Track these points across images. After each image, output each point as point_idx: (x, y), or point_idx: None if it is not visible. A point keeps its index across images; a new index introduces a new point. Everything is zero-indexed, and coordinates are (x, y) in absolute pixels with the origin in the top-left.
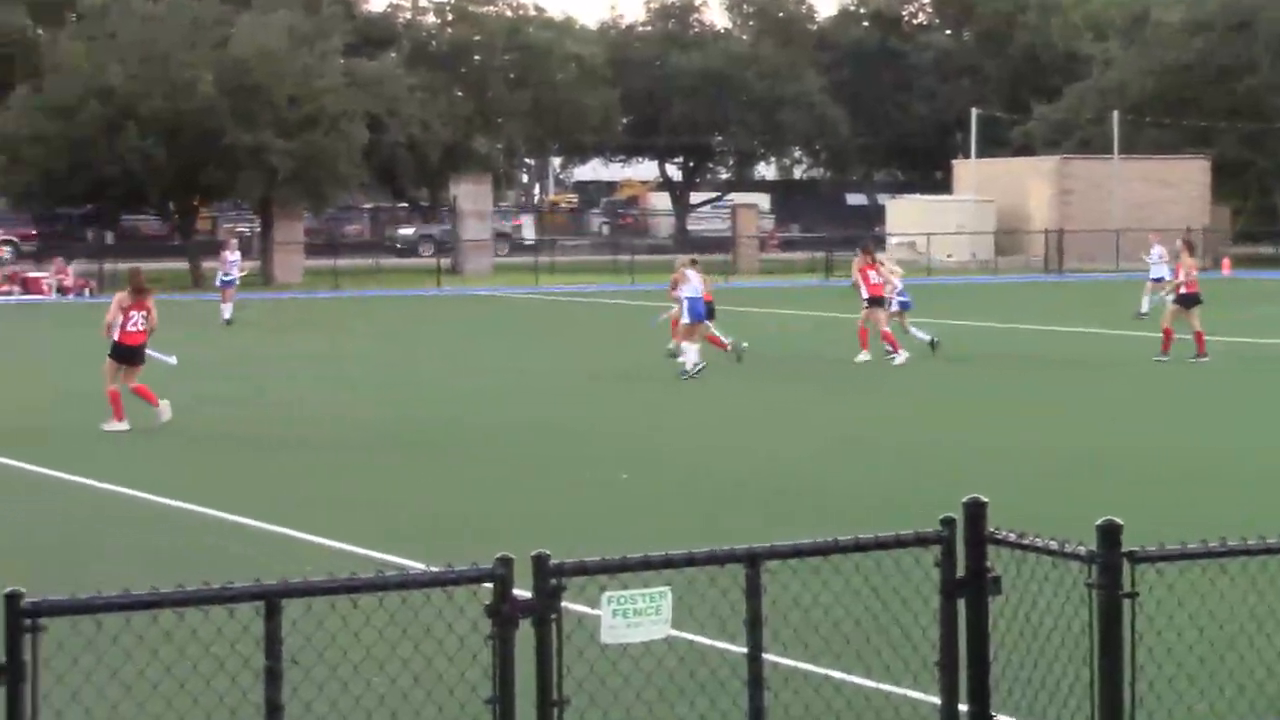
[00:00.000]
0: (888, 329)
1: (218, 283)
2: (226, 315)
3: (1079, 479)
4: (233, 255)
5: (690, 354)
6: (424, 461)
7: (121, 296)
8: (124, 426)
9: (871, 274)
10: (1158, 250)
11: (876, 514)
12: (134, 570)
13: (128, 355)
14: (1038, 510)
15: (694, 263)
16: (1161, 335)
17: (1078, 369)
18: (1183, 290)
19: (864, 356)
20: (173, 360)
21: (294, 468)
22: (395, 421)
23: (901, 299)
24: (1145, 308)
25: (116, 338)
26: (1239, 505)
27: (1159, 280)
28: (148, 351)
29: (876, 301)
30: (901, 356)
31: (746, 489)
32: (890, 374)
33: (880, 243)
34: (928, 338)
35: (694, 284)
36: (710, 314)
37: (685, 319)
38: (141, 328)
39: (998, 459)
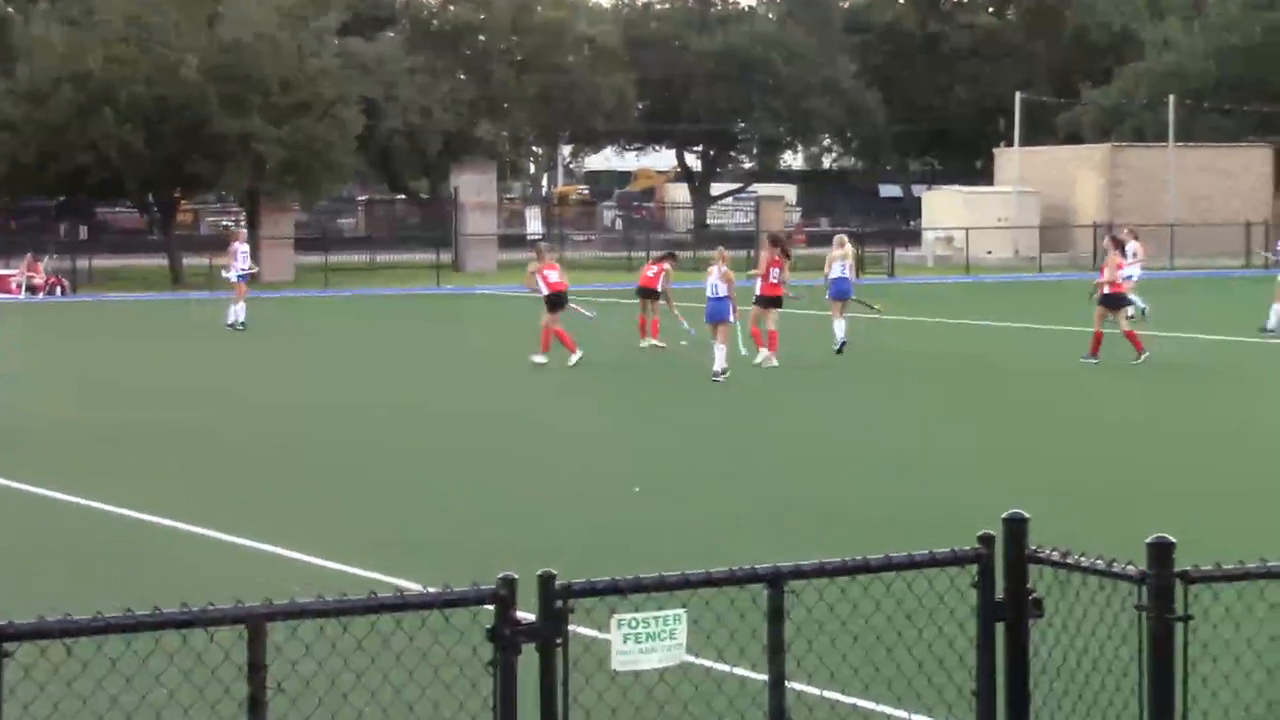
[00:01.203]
0: (774, 329)
1: (233, 278)
2: (239, 318)
3: (1127, 493)
4: (244, 246)
5: (722, 356)
6: (420, 475)
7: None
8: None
9: (773, 271)
10: (1133, 247)
11: (909, 531)
12: (106, 591)
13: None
14: (1083, 527)
15: (721, 258)
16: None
17: (1120, 375)
18: (1106, 291)
19: (763, 355)
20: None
21: (279, 480)
22: (388, 431)
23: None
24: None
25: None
26: None
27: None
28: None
29: (771, 301)
30: (763, 355)
31: (767, 504)
32: (917, 381)
33: (915, 237)
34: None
35: (712, 279)
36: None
37: (731, 317)
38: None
39: (1040, 471)
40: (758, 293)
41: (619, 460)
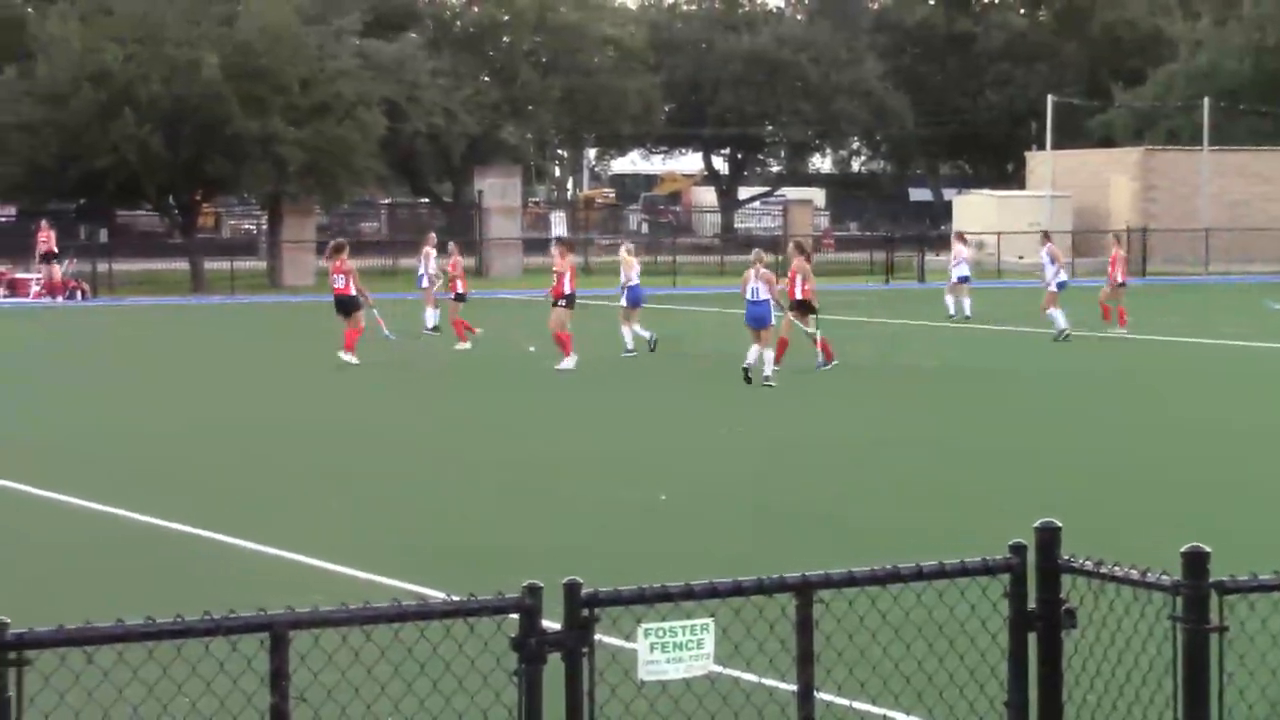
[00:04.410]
0: (563, 331)
1: (422, 284)
2: (431, 323)
3: (1162, 502)
4: (433, 250)
5: (755, 356)
6: (444, 483)
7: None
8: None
9: (797, 279)
10: (1046, 251)
11: (939, 540)
12: (127, 599)
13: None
14: (1117, 536)
15: (760, 260)
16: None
17: (1153, 378)
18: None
19: (568, 363)
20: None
21: (301, 486)
22: (403, 437)
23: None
24: (1063, 322)
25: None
26: None
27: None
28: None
29: (567, 300)
30: (570, 362)
31: (796, 513)
32: (943, 387)
33: (945, 242)
34: (649, 335)
35: (751, 282)
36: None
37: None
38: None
39: (1072, 480)
40: (793, 299)
41: (639, 468)
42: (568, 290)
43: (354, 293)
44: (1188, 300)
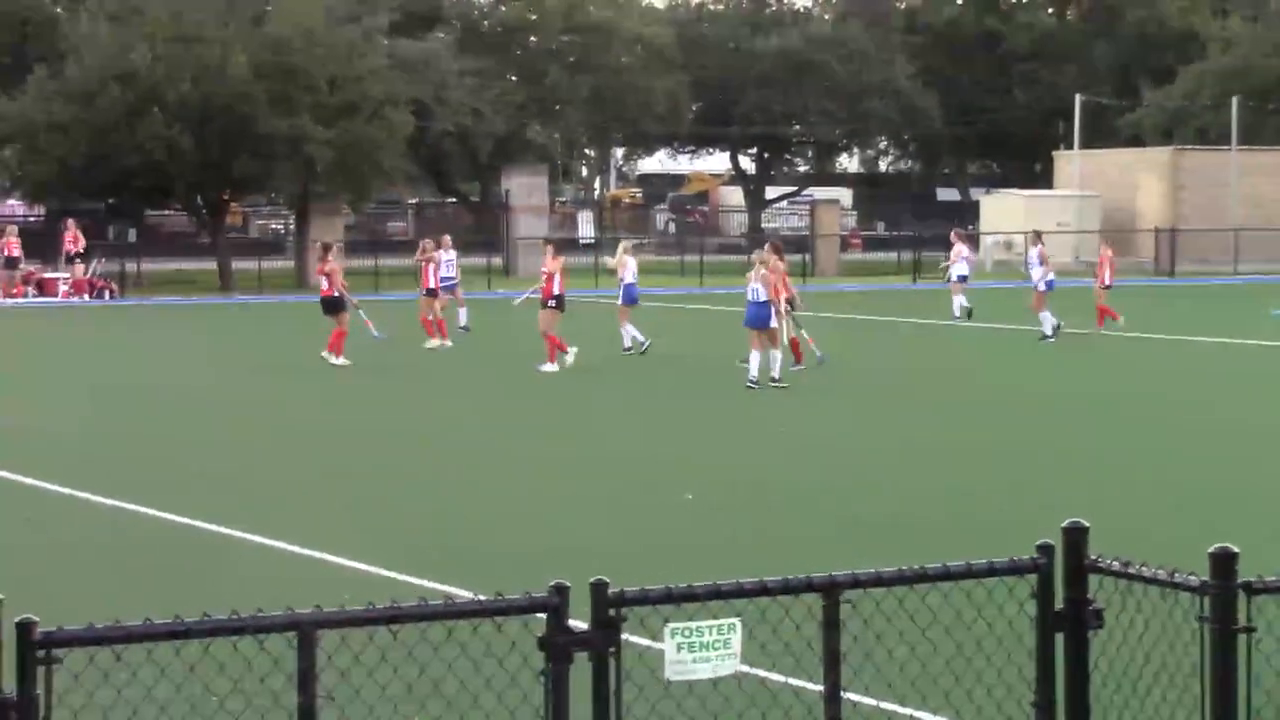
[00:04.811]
0: (552, 332)
1: (440, 287)
2: (462, 321)
3: (1191, 501)
4: (449, 255)
5: (757, 366)
6: (473, 482)
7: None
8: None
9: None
10: (1036, 252)
11: (966, 540)
12: (156, 598)
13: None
14: (1144, 536)
15: (762, 261)
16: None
17: (1183, 380)
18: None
19: (551, 366)
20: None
21: (329, 487)
22: (429, 437)
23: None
24: (1049, 327)
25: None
26: None
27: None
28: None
29: (556, 302)
30: (553, 366)
31: (822, 513)
32: (962, 387)
33: (973, 242)
34: (644, 340)
35: (752, 283)
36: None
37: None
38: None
39: (1102, 478)
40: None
41: (662, 468)
42: (557, 291)
43: (336, 294)
44: (1211, 299)
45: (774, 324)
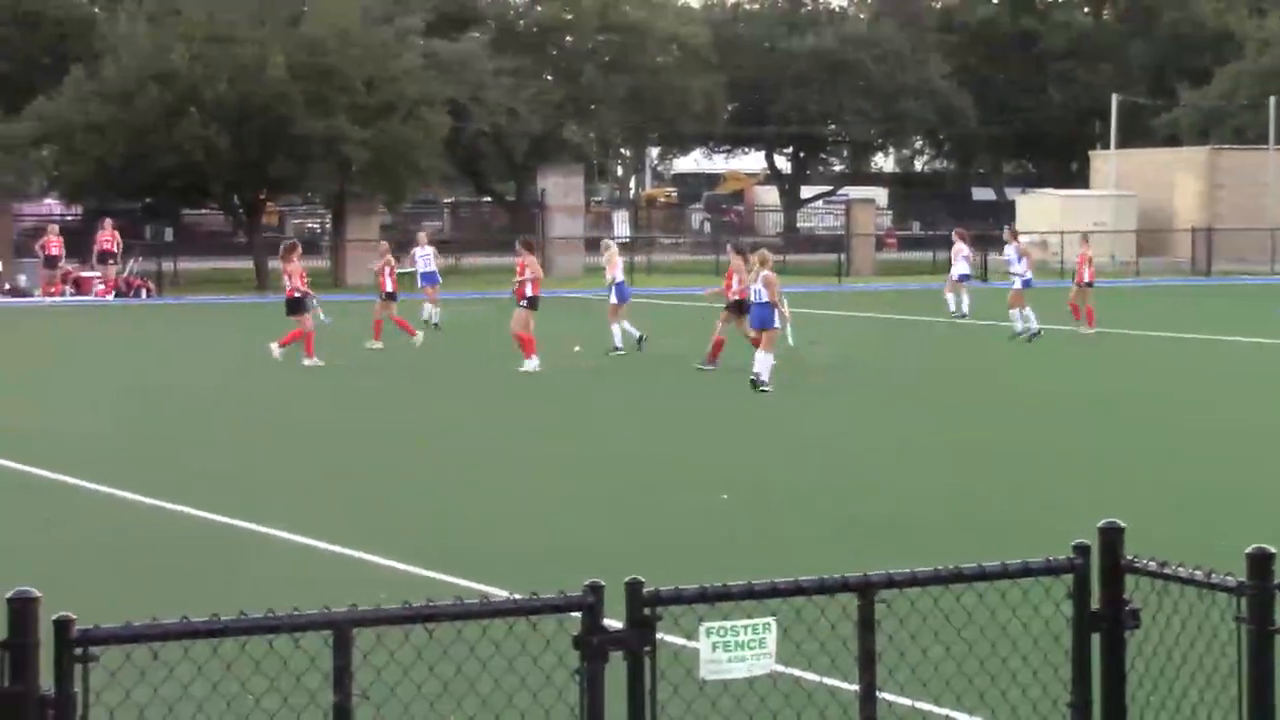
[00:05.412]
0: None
1: (419, 282)
2: (435, 318)
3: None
4: (424, 250)
5: (762, 363)
6: (508, 483)
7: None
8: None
9: (734, 280)
10: (1014, 248)
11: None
12: (192, 596)
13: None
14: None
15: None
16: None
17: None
18: (735, 298)
19: (531, 365)
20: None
21: (364, 487)
22: (469, 438)
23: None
24: (1022, 324)
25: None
26: None
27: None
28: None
29: (529, 302)
30: (533, 362)
31: (857, 514)
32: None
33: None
34: (637, 334)
35: (755, 284)
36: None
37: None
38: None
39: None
40: (731, 299)
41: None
42: (529, 292)
43: (298, 294)
44: (1245, 298)
45: (776, 325)
